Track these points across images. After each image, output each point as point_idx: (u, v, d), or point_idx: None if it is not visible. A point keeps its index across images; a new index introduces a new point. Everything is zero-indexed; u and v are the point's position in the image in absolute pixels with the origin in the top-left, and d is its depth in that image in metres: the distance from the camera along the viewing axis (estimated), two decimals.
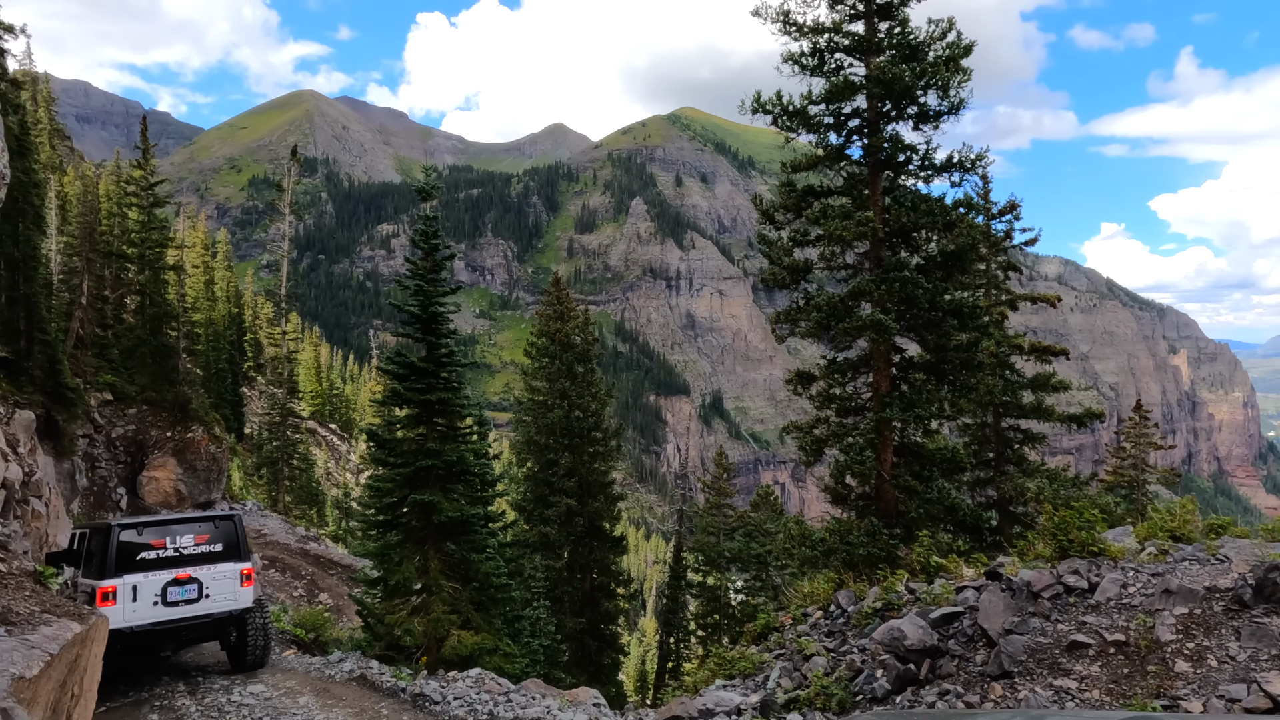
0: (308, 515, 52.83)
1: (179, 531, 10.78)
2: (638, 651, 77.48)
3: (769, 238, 15.13)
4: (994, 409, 19.94)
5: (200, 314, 58.46)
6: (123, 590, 9.85)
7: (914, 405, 13.33)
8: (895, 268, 13.45)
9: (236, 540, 11.17)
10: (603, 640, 34.59)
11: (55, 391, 28.61)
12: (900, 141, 13.96)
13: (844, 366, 14.64)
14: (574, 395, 34.03)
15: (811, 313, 14.02)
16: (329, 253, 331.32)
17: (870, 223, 13.33)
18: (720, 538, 41.57)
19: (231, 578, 10.81)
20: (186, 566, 10.51)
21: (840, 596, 8.35)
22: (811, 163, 14.69)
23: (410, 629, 11.21)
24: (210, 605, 10.48)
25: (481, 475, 12.87)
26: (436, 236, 12.70)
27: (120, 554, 10.17)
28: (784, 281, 14.90)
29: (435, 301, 12.44)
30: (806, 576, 12.85)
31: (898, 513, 13.62)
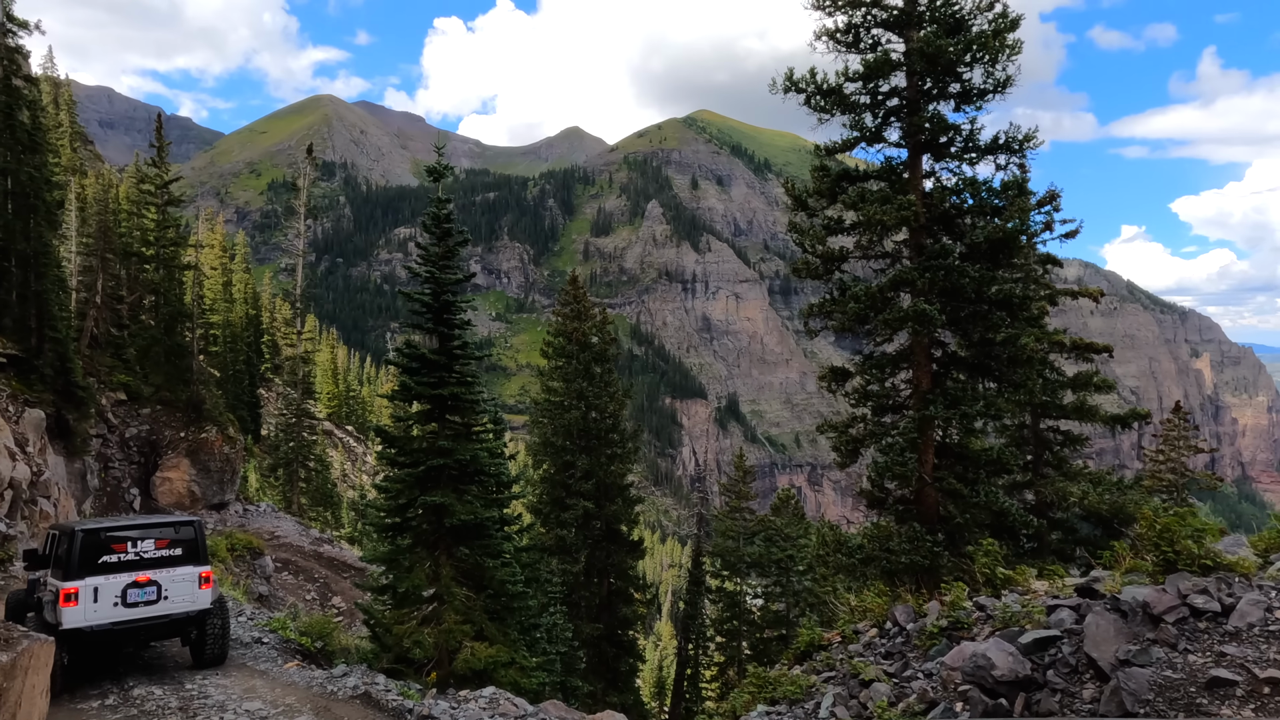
0: (322, 517, 52.43)
1: (140, 536, 11.16)
2: (654, 657, 76.60)
3: (800, 225, 14.28)
4: (1032, 409, 18.97)
5: (218, 315, 58.46)
6: (84, 591, 10.34)
7: (959, 403, 12.45)
8: (939, 255, 12.56)
9: (196, 545, 11.57)
10: (620, 646, 33.79)
11: (66, 390, 28.19)
12: (943, 121, 13.05)
13: (881, 361, 13.75)
14: (591, 396, 33.28)
15: (848, 303, 13.15)
16: (347, 256, 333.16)
17: (912, 206, 12.46)
18: (740, 542, 40.72)
19: (190, 580, 11.21)
20: (146, 569, 10.94)
21: (897, 612, 7.48)
22: (847, 145, 13.82)
23: (420, 640, 10.44)
24: (169, 606, 10.94)
25: (496, 476, 12.11)
26: (449, 221, 11.95)
27: (83, 557, 10.59)
28: (816, 271, 14.04)
29: (448, 290, 11.70)
30: (850, 588, 11.97)
31: (939, 517, 12.74)
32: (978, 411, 12.37)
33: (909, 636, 7.03)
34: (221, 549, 26.97)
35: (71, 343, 29.90)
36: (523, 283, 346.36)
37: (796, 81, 13.64)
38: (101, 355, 37.31)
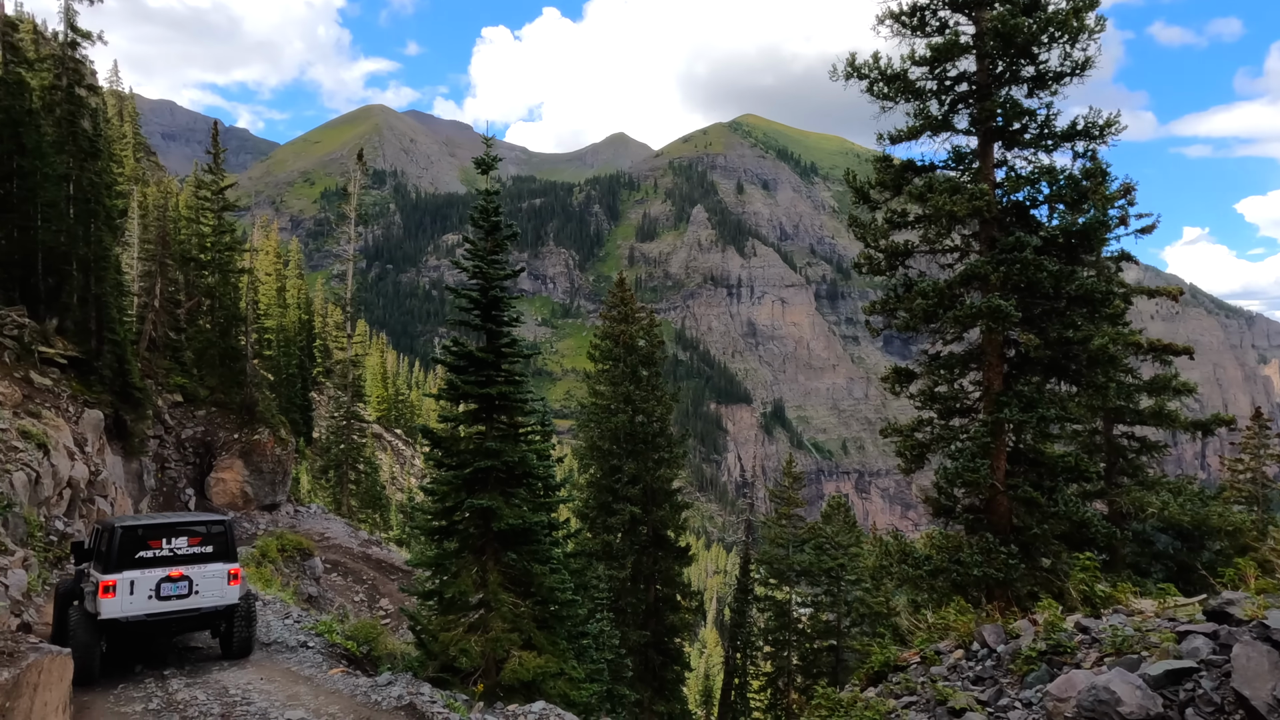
0: (371, 519, 52.85)
1: (175, 534, 11.78)
2: (700, 665, 75.71)
3: (862, 219, 13.62)
4: (1105, 414, 17.95)
5: (272, 320, 59.54)
6: (121, 584, 11.00)
7: (1035, 405, 11.65)
8: (1014, 248, 11.78)
9: (226, 543, 12.14)
10: (667, 654, 33.24)
11: (124, 391, 28.70)
12: (1016, 106, 12.28)
13: (950, 361, 13.01)
14: (638, 400, 32.88)
15: (915, 300, 12.44)
16: (396, 262, 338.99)
17: (985, 195, 11.73)
18: (789, 550, 39.94)
19: (220, 577, 11.72)
20: (179, 565, 11.53)
21: (985, 632, 6.80)
22: (912, 133, 13.13)
23: (467, 649, 10.05)
24: (199, 601, 11.48)
25: (545, 479, 11.69)
26: (497, 215, 11.59)
27: (121, 551, 11.26)
28: (879, 267, 13.36)
29: (496, 285, 11.34)
30: (917, 602, 11.25)
31: (1012, 528, 11.95)
32: (1056, 415, 11.57)
33: (1000, 660, 6.37)
34: (272, 549, 27.14)
35: (130, 345, 30.47)
36: (568, 288, 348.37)
37: (859, 67, 13.00)
38: (159, 358, 38.08)
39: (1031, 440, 12.28)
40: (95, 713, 8.86)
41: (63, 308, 27.47)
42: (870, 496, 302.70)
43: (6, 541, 16.48)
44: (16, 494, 17.97)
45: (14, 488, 17.96)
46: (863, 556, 38.55)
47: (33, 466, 19.44)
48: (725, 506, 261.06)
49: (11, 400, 21.76)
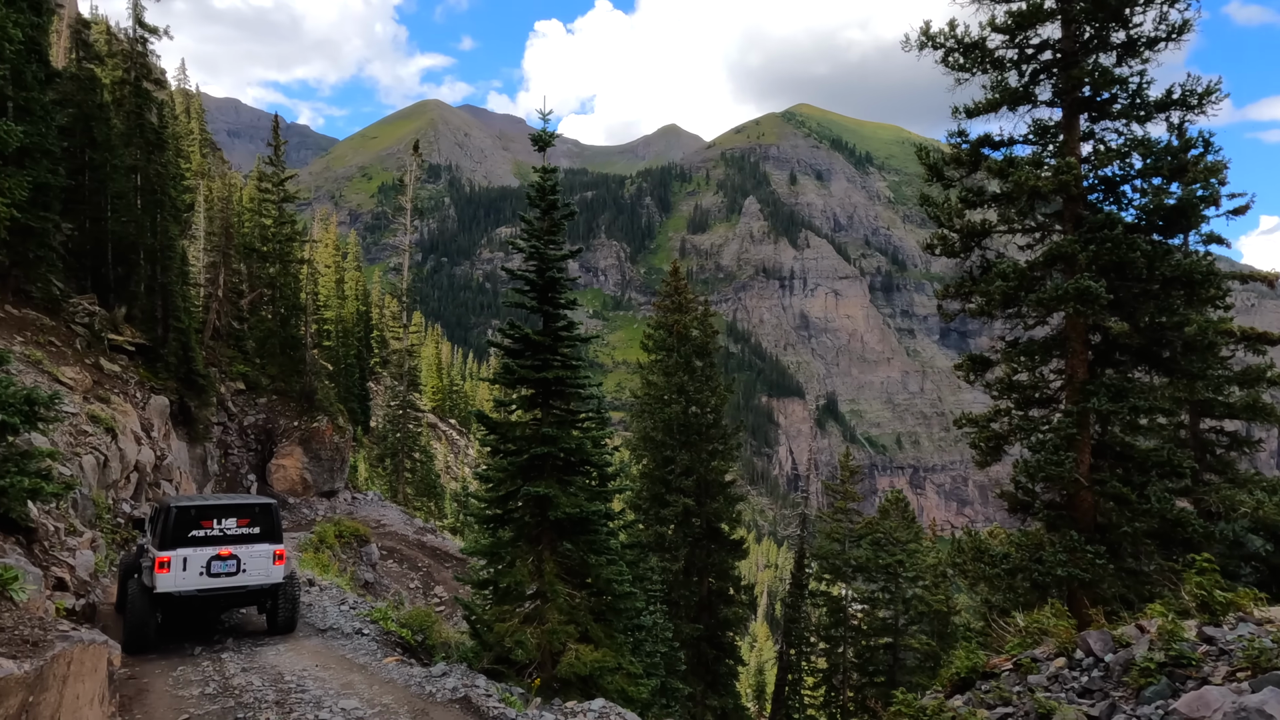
0: (426, 507, 53.50)
1: (225, 514, 12.37)
2: (752, 659, 75.03)
3: (934, 198, 12.91)
4: (1192, 406, 16.85)
5: (331, 311, 60.67)
6: (175, 560, 11.60)
7: (1125, 395, 10.85)
8: (1103, 226, 10.98)
9: (273, 525, 12.72)
10: (720, 648, 32.84)
11: (188, 378, 29.34)
12: (1106, 74, 11.39)
13: (1030, 348, 12.24)
14: (692, 390, 32.46)
15: (994, 282, 11.70)
16: (451, 255, 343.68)
17: (1071, 169, 10.95)
18: (845, 545, 39.09)
19: (266, 556, 12.31)
20: (228, 545, 12.11)
21: (1091, 640, 6.19)
22: (990, 106, 12.35)
23: (522, 640, 9.78)
24: (246, 579, 12.09)
25: (601, 467, 11.36)
26: (554, 192, 11.25)
27: (175, 530, 11.87)
28: (953, 248, 12.65)
29: (553, 266, 11.01)
30: (991, 603, 10.61)
31: (1096, 525, 11.18)
32: (1150, 405, 10.75)
33: (1109, 670, 5.77)
34: (330, 536, 27.46)
35: (194, 334, 31.14)
36: (619, 280, 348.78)
37: (933, 36, 12.27)
38: (223, 347, 38.96)
39: (1120, 432, 11.47)
40: (154, 696, 8.82)
41: (130, 296, 28.18)
42: (925, 492, 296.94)
43: (76, 523, 16.83)
44: (85, 477, 18.36)
45: (83, 470, 18.34)
46: (921, 553, 37.55)
47: (101, 450, 19.85)
48: (776, 500, 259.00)
49: (82, 385, 22.28)
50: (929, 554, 38.92)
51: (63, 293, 25.52)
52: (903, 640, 36.31)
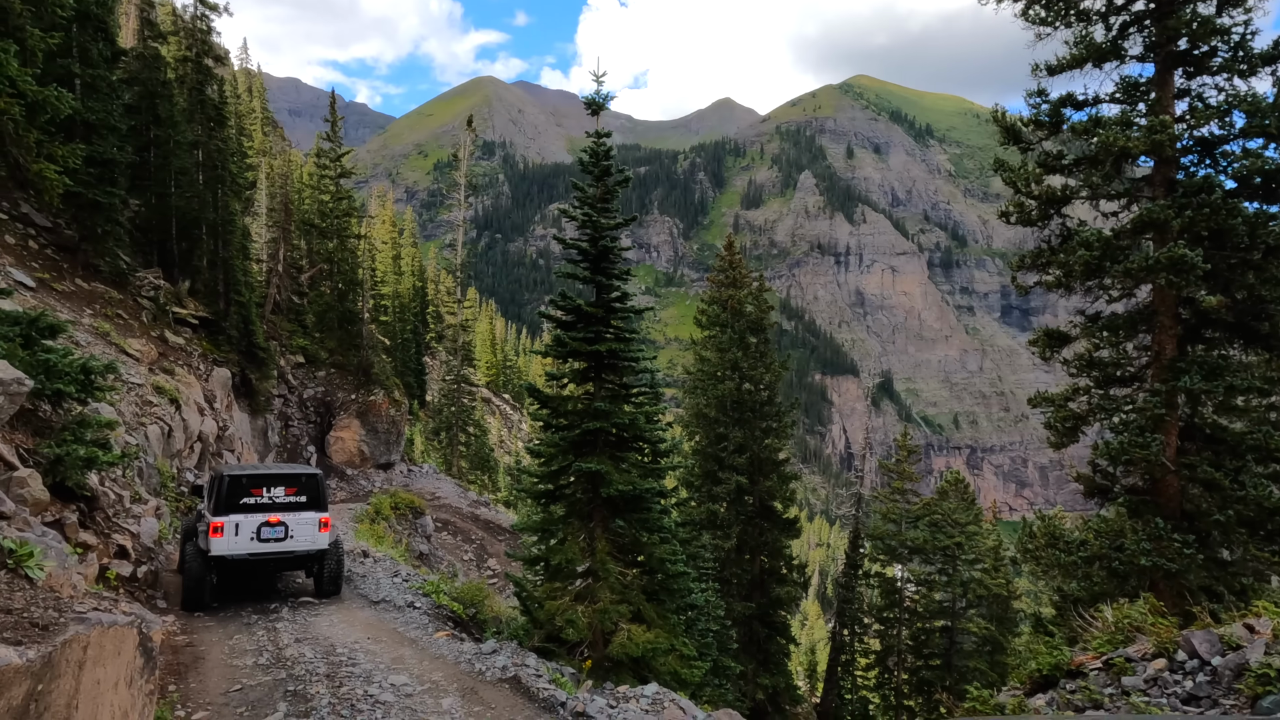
0: (480, 480, 54.16)
1: (274, 483, 12.96)
2: (802, 637, 74.62)
3: (1009, 163, 12.13)
4: None
5: (388, 287, 61.53)
6: (228, 526, 12.27)
7: (1220, 374, 10.05)
8: (1200, 190, 10.14)
9: (318, 494, 13.24)
10: (772, 627, 32.53)
11: (249, 351, 29.93)
12: (1207, 24, 10.42)
13: (1114, 323, 11.46)
14: (745, 367, 31.98)
15: (1076, 251, 10.93)
16: (505, 232, 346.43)
17: (1166, 128, 10.12)
18: (902, 525, 38.33)
19: (312, 524, 12.89)
20: (277, 512, 12.73)
21: (1196, 640, 5.63)
22: (1074, 62, 11.46)
23: (573, 619, 9.58)
24: (293, 544, 12.71)
25: (655, 443, 11.03)
26: (608, 158, 10.87)
27: (229, 497, 12.52)
28: (1030, 216, 11.87)
29: (606, 235, 10.65)
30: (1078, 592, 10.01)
31: (1183, 513, 10.45)
32: (1244, 385, 9.93)
33: (1216, 675, 5.24)
34: (386, 507, 27.82)
35: (255, 307, 31.74)
36: (671, 257, 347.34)
37: None
38: (283, 321, 39.73)
39: (1211, 414, 10.68)
40: (209, 665, 8.89)
41: (194, 270, 28.77)
42: (983, 473, 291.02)
43: (141, 491, 17.24)
44: (150, 446, 18.79)
45: (148, 440, 18.76)
46: (981, 535, 36.63)
47: (166, 420, 20.30)
48: (829, 479, 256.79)
49: (148, 357, 22.81)
50: (989, 536, 37.97)
51: (129, 267, 26.11)
52: (960, 624, 35.58)
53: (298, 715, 7.12)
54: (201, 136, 28.75)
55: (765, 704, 31.42)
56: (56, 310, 20.46)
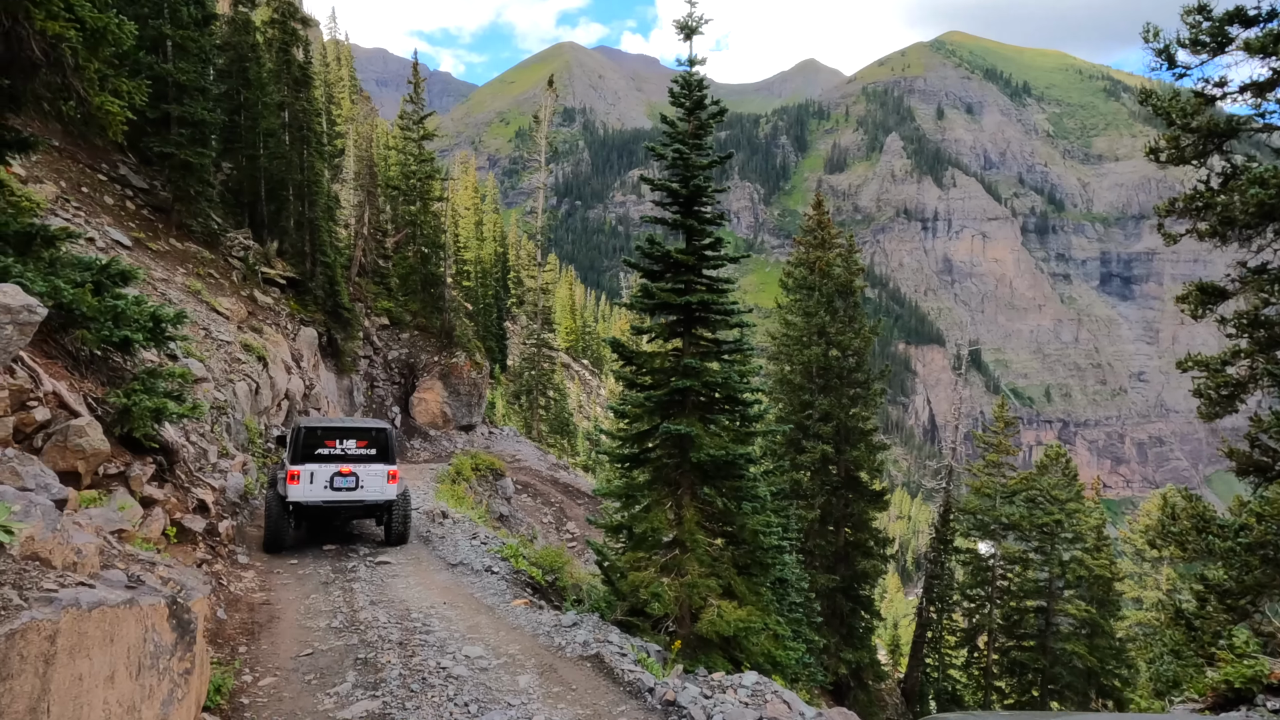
0: (559, 444, 54.35)
1: (346, 436, 13.62)
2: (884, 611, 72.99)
3: (1158, 95, 10.61)
4: None
5: (470, 253, 62.04)
6: (304, 474, 13.02)
7: None
8: None
9: (387, 447, 13.81)
10: (857, 601, 31.52)
11: (334, 312, 30.28)
12: None
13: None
14: (833, 332, 30.62)
15: (1247, 189, 9.44)
16: (584, 198, 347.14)
17: None
18: (996, 500, 36.52)
19: (381, 475, 13.47)
20: (349, 463, 13.38)
21: None
22: None
23: (659, 593, 8.88)
24: (363, 494, 13.33)
25: (747, 405, 10.14)
26: (701, 89, 9.91)
27: (305, 448, 13.29)
28: (1184, 153, 10.34)
29: (699, 173, 9.72)
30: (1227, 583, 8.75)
31: None
32: None
33: None
34: (467, 468, 27.86)
35: (341, 269, 32.08)
36: (752, 223, 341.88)
37: None
38: (368, 283, 40.24)
39: None
40: (283, 625, 8.60)
41: (281, 231, 29.15)
42: (1075, 448, 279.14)
43: (228, 445, 17.42)
44: (238, 402, 18.99)
45: (236, 396, 18.96)
46: (1082, 513, 34.58)
47: (253, 378, 20.52)
48: (911, 451, 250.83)
49: (238, 316, 23.13)
50: (1090, 515, 35.83)
51: (220, 227, 26.57)
52: (1057, 605, 33.85)
53: (366, 687, 6.66)
54: (288, 97, 28.93)
55: (848, 679, 30.55)
56: (151, 269, 20.84)
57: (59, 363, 7.42)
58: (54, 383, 6.56)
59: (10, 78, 7.75)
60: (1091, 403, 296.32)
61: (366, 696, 6.44)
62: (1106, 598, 34.35)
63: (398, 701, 6.32)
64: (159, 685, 3.11)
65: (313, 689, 6.69)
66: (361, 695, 6.48)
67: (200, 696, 4.59)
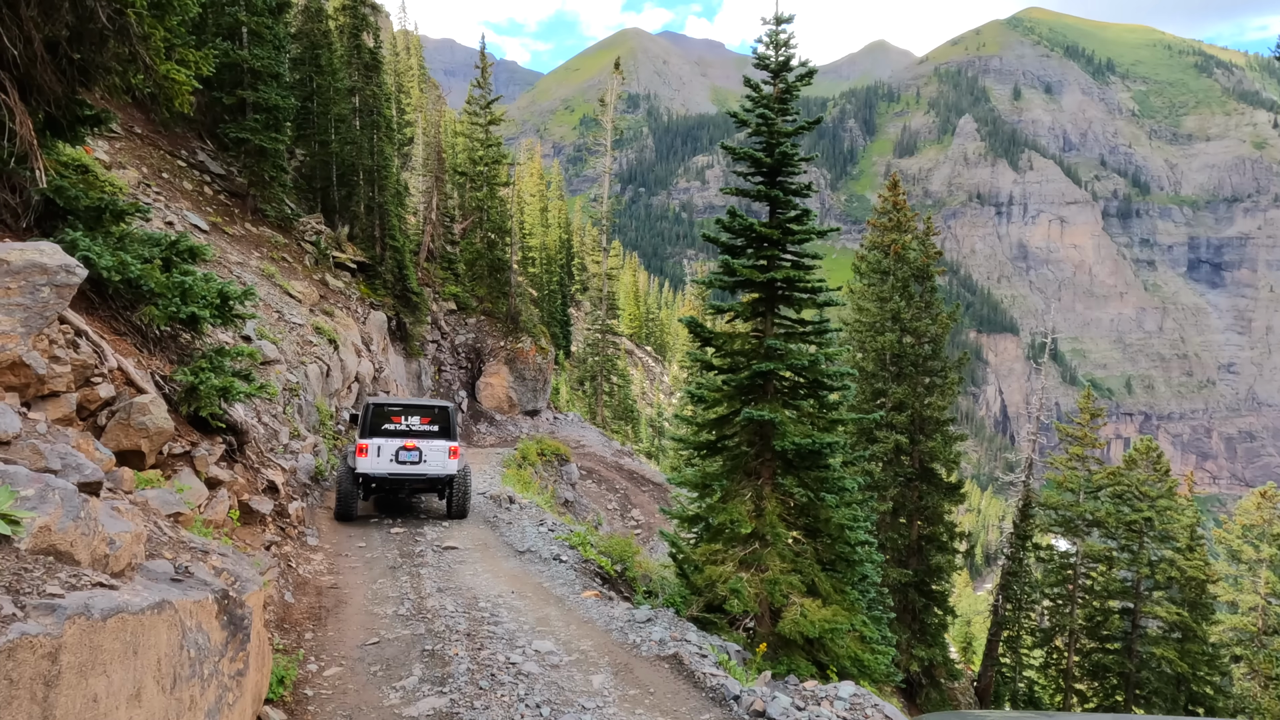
0: (623, 431, 54.21)
1: (410, 413, 14.46)
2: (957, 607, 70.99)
3: None
4: None
5: (535, 239, 62.37)
6: (371, 447, 13.70)
7: None
8: None
9: (449, 425, 14.54)
10: (930, 597, 30.49)
11: (403, 296, 30.50)
12: None
13: None
14: (908, 318, 29.53)
15: None
16: (648, 185, 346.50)
17: None
18: (1080, 495, 34.91)
19: (442, 451, 14.09)
20: (413, 439, 14.07)
21: None
22: None
23: (739, 589, 8.33)
24: (426, 468, 13.98)
25: (834, 390, 9.43)
26: (789, 48, 9.25)
27: (373, 422, 14.06)
28: None
29: (784, 140, 9.06)
30: None
31: None
32: None
33: None
34: (532, 453, 27.79)
35: (410, 254, 32.32)
36: (819, 209, 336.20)
37: None
38: (436, 268, 40.57)
39: None
40: (350, 610, 8.39)
41: (352, 216, 29.45)
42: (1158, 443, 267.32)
43: (300, 427, 17.54)
44: (310, 384, 19.14)
45: (308, 378, 19.10)
46: (1174, 510, 32.72)
47: (324, 360, 20.71)
48: (982, 442, 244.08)
49: (309, 299, 23.39)
50: (1183, 512, 33.90)
51: (293, 213, 26.95)
52: (1144, 606, 32.25)
53: (433, 682, 6.32)
54: (358, 82, 29.14)
55: (920, 676, 29.64)
56: (227, 253, 21.19)
57: (128, 340, 7.29)
58: (120, 359, 6.38)
59: (80, 50, 7.63)
60: (1176, 395, 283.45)
61: (434, 692, 6.11)
62: (1199, 600, 32.56)
63: (466, 699, 5.96)
64: (203, 694, 2.76)
65: (378, 681, 6.39)
66: (429, 690, 6.15)
67: (260, 692, 4.29)
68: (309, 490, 15.23)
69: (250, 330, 17.23)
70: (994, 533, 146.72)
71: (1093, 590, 33.94)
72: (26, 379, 4.65)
